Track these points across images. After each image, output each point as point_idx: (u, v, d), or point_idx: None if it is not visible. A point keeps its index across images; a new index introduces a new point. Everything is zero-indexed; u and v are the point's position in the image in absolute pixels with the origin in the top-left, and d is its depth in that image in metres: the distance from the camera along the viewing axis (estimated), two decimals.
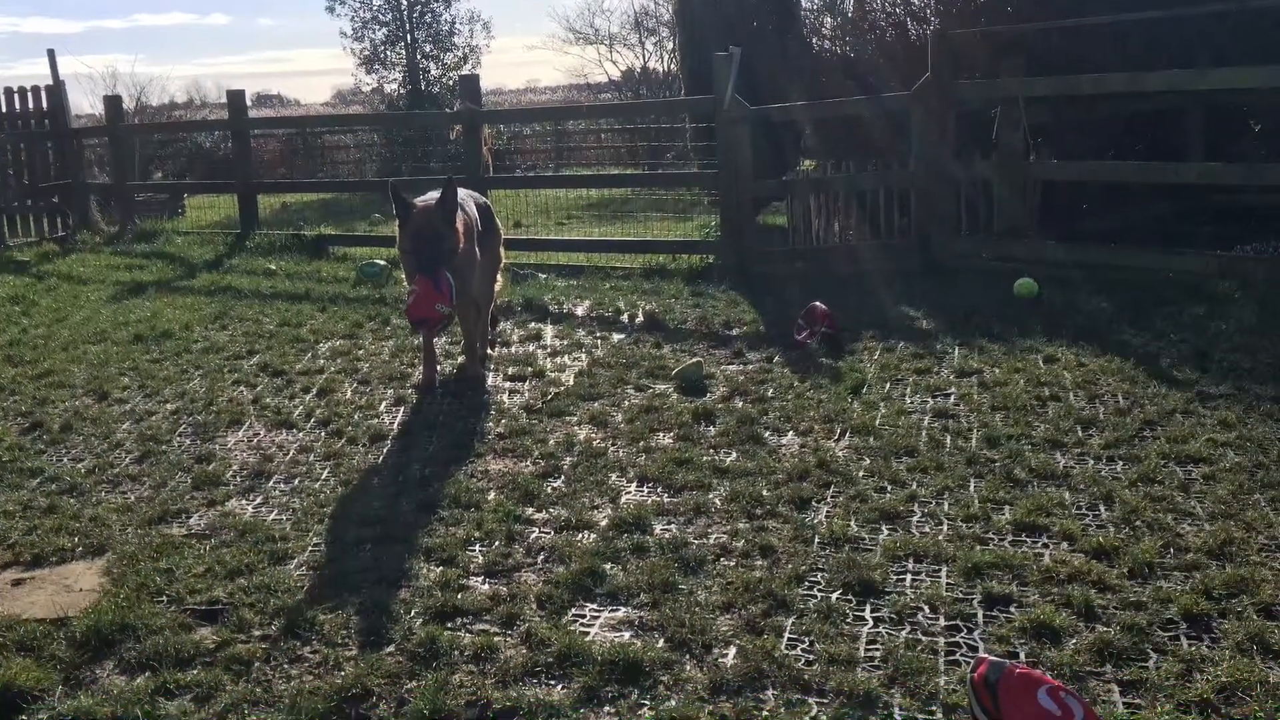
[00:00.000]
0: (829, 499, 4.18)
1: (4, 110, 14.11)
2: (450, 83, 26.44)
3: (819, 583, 3.52)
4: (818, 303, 6.55)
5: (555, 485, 4.46)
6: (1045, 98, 8.22)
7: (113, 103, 13.52)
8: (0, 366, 6.65)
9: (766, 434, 4.93)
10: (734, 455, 4.69)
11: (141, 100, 27.42)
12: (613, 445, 4.89)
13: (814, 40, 11.45)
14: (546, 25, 75.60)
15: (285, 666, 3.17)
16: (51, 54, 13.33)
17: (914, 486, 4.25)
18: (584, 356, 6.44)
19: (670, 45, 26.82)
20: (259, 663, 3.19)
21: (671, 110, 16.09)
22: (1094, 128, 8.75)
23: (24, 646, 3.31)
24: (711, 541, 3.85)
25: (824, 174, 9.68)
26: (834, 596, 3.43)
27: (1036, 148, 8.86)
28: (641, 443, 4.89)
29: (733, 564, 3.67)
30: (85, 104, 29.20)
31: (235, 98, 11.94)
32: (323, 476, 4.69)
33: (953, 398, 5.32)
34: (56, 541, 4.09)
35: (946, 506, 4.06)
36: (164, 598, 3.60)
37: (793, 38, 11.63)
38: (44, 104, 14.12)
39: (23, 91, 14.36)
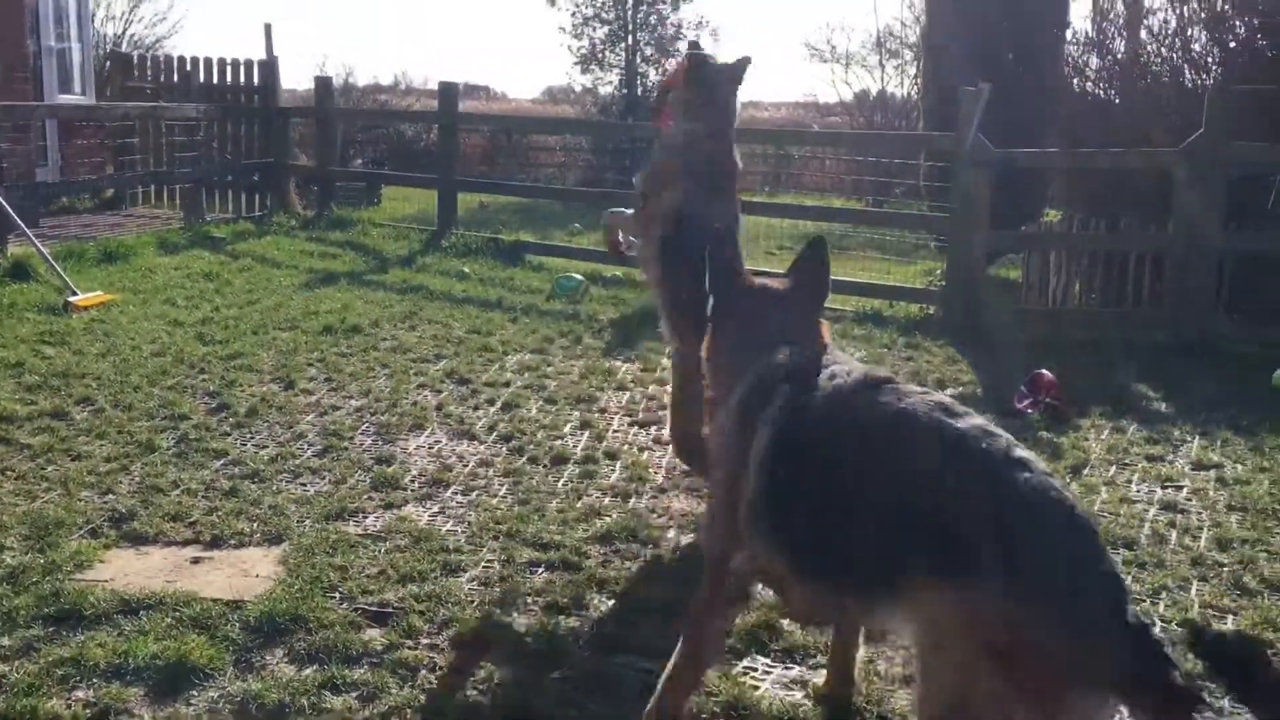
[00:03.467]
0: None
1: (215, 82, 15.50)
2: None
3: None
4: (1044, 370, 6.54)
5: None
6: None
7: (323, 84, 14.61)
8: (191, 343, 7.36)
9: None
10: None
11: (349, 81, 29.30)
12: None
13: (1075, 81, 11.32)
14: (779, 36, 76.11)
15: (450, 677, 3.49)
16: (268, 28, 14.52)
17: (1129, 581, 4.25)
18: None
19: (913, 70, 26.71)
20: (425, 670, 3.52)
21: (907, 146, 16.15)
22: None
23: (199, 624, 3.71)
24: None
25: (1069, 229, 9.56)
26: None
27: None
28: None
29: None
30: (291, 80, 31.37)
31: (447, 90, 12.70)
32: (500, 493, 5.05)
33: (1185, 491, 5.26)
34: (236, 525, 4.55)
35: (1163, 608, 4.07)
36: (336, 594, 3.99)
37: (1050, 76, 11.54)
38: (255, 79, 15.44)
39: (235, 64, 15.74)
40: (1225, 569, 4.39)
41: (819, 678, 3.50)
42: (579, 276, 9.99)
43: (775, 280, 3.30)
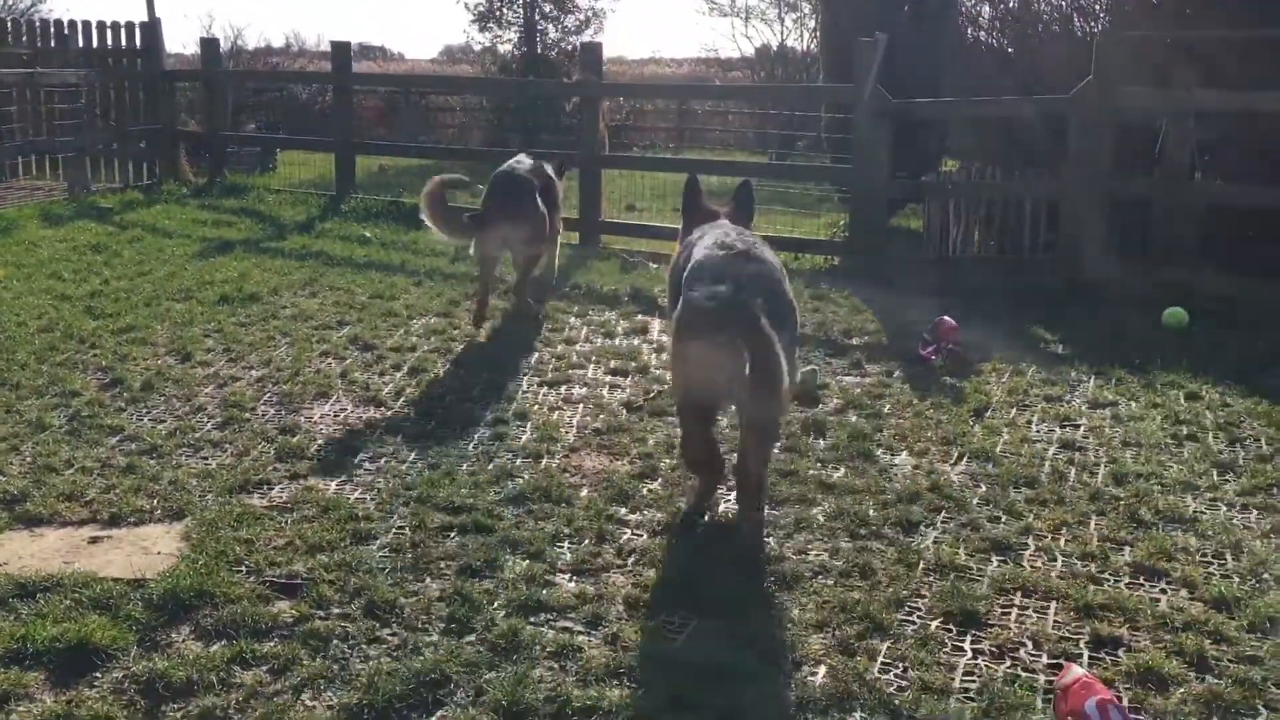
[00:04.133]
0: (939, 524, 4.34)
1: (95, 46, 14.92)
2: (569, 47, 26.82)
3: (919, 609, 3.70)
4: (946, 317, 6.67)
5: (652, 487, 4.69)
6: (1217, 114, 8.15)
7: (210, 45, 14.19)
8: (80, 318, 7.12)
9: (879, 452, 5.09)
10: (842, 471, 4.86)
11: (238, 44, 28.51)
12: None
13: (969, 31, 11.47)
14: None
15: (363, 646, 3.46)
16: None
17: (1030, 519, 4.40)
18: None
19: (812, 23, 26.83)
20: (337, 640, 3.48)
21: (808, 97, 16.23)
22: (1268, 151, 8.62)
23: (99, 605, 3.62)
24: (811, 558, 4.04)
25: (967, 178, 9.71)
26: (934, 624, 3.61)
27: (1204, 167, 8.77)
28: None
29: (831, 583, 3.86)
30: (176, 44, 30.38)
31: (340, 50, 12.39)
32: (410, 459, 4.99)
33: (1082, 429, 5.42)
34: (135, 502, 4.44)
35: (1063, 543, 4.22)
36: (243, 567, 3.92)
37: (946, 27, 11.67)
38: (137, 42, 14.89)
39: (115, 26, 15.14)
40: (1122, 503, 4.55)
41: (735, 626, 3.54)
42: None
43: (723, 205, 5.25)
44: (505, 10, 27.67)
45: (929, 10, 11.81)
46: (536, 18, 27.26)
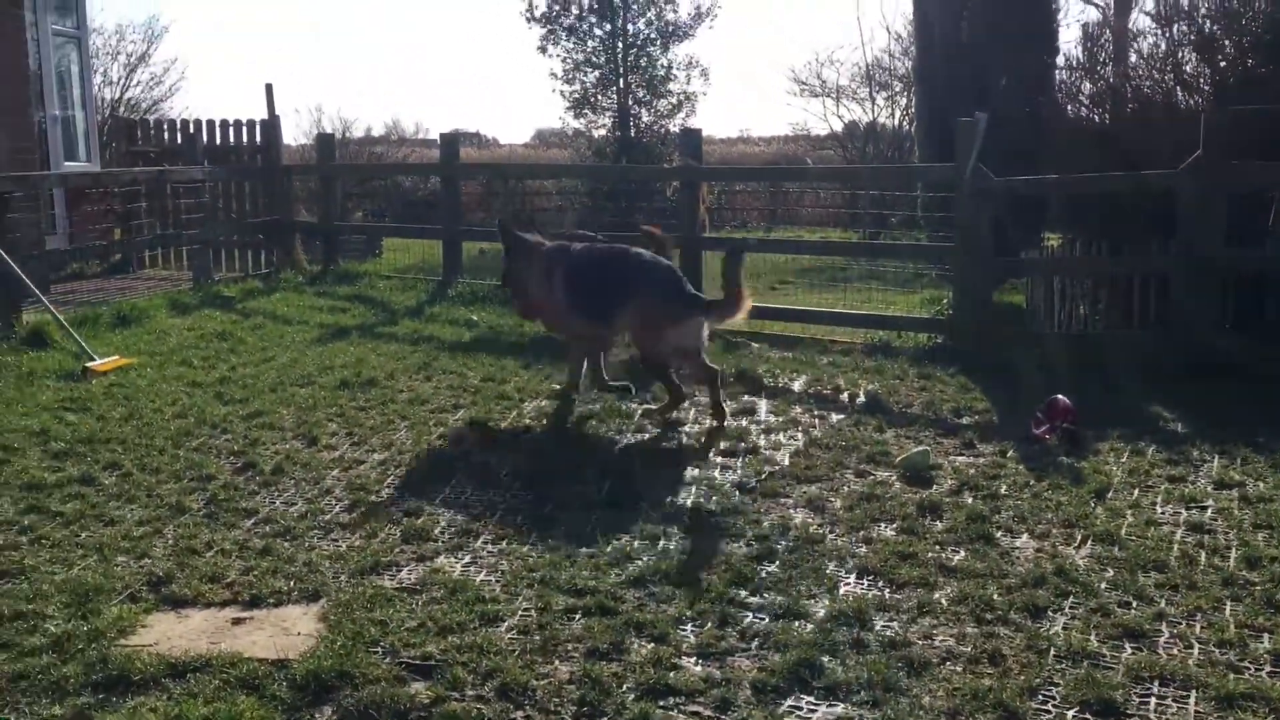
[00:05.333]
0: (1066, 609, 4.27)
1: (218, 143, 15.66)
2: (661, 130, 27.31)
3: (1053, 697, 3.64)
4: (1059, 396, 6.59)
5: (770, 569, 4.70)
6: None
7: (325, 141, 14.79)
8: (211, 403, 7.41)
9: (998, 534, 5.04)
10: (962, 554, 4.83)
11: (347, 135, 29.51)
12: (830, 532, 5.10)
13: (1068, 107, 11.45)
14: (766, 74, 76.84)
15: None
16: (269, 88, 14.69)
17: (1162, 604, 4.30)
18: (800, 435, 6.68)
19: (904, 100, 26.92)
20: None
21: (907, 176, 16.28)
22: None
23: (246, 685, 3.74)
24: (937, 643, 4.01)
25: (1071, 253, 9.63)
26: (1070, 714, 3.54)
27: None
28: (861, 532, 5.09)
29: (959, 669, 3.82)
30: (286, 136, 31.59)
31: (449, 141, 12.84)
32: (531, 540, 5.07)
33: (1209, 511, 5.30)
34: (273, 584, 4.58)
35: (1198, 629, 4.11)
36: (379, 648, 4.01)
37: (1044, 103, 11.67)
38: (257, 139, 15.59)
39: (238, 125, 15.92)
40: (1257, 588, 4.42)
41: (866, 713, 3.53)
42: None
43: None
44: (600, 96, 28.33)
45: (1023, 85, 11.85)
46: (630, 103, 27.83)
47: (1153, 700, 3.62)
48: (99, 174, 14.48)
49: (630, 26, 27.85)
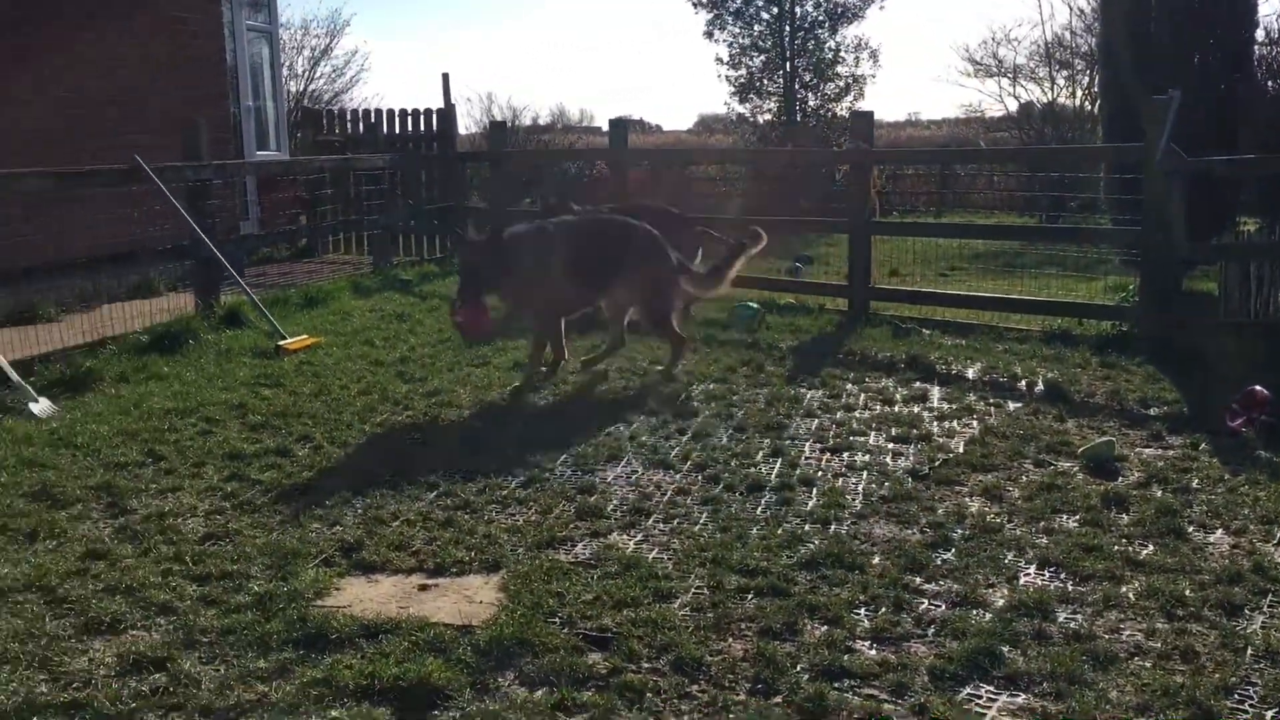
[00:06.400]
0: (1265, 609, 4.09)
1: (397, 131, 16.19)
2: (828, 114, 26.98)
3: (1250, 697, 3.49)
4: (1258, 386, 6.28)
5: (945, 557, 4.63)
6: None
7: (497, 128, 15.18)
8: (394, 381, 7.70)
9: (1190, 529, 4.85)
10: (1150, 548, 4.66)
11: (516, 124, 30.12)
12: (1009, 522, 5.00)
13: (1269, 84, 10.84)
14: (940, 55, 74.93)
15: (675, 701, 3.57)
16: (445, 78, 15.13)
17: None
18: (975, 423, 6.55)
19: (1085, 80, 25.86)
20: (650, 694, 3.61)
21: (1088, 158, 15.67)
22: None
23: (434, 647, 3.89)
24: (1124, 638, 3.89)
25: (1272, 236, 9.14)
26: (1269, 715, 3.39)
27: None
28: (1041, 523, 4.97)
29: (1149, 665, 3.70)
30: (459, 123, 32.39)
31: (618, 126, 12.95)
32: (701, 520, 5.12)
33: None
34: (455, 554, 4.74)
35: None
36: (556, 619, 4.12)
37: (1242, 78, 11.08)
38: (434, 127, 16.04)
39: (415, 114, 16.41)
40: None
41: (1049, 705, 3.46)
42: (755, 305, 10.05)
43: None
44: (766, 81, 28.13)
45: (1220, 61, 11.27)
46: (797, 87, 27.56)
47: None
48: (289, 162, 15.16)
49: (798, 9, 27.55)
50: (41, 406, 6.92)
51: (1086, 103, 25.53)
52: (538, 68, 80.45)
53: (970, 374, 7.81)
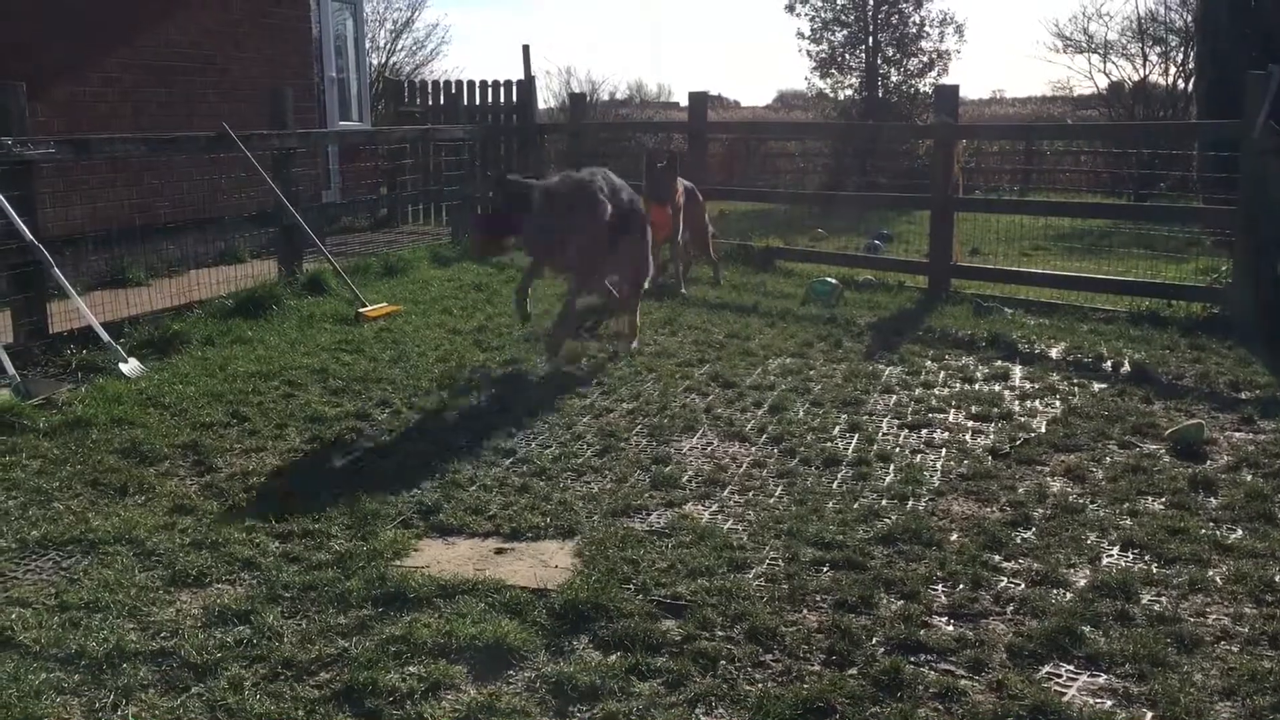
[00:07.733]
0: None
1: (478, 103, 16.27)
2: (910, 90, 26.56)
3: None
4: None
5: (1025, 535, 4.57)
6: None
7: (577, 101, 15.16)
8: (471, 349, 7.78)
9: None
10: (1239, 533, 4.56)
11: (594, 98, 30.15)
12: (1091, 503, 4.92)
13: None
14: (1027, 30, 73.33)
15: (749, 669, 3.58)
16: (526, 50, 15.18)
17: None
18: (1058, 403, 6.45)
19: (1179, 57, 25.17)
20: (724, 661, 3.62)
21: (1182, 136, 15.25)
22: None
23: (509, 609, 3.94)
24: (1210, 621, 3.82)
25: None
26: None
27: None
28: (1126, 504, 4.88)
29: (1236, 649, 3.63)
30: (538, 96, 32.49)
31: (697, 100, 12.91)
32: (776, 493, 5.12)
33: None
34: (531, 519, 4.79)
35: None
36: (631, 585, 4.14)
37: None
38: (514, 99, 16.10)
39: (495, 86, 16.47)
40: None
41: (1131, 686, 3.41)
42: (833, 280, 9.98)
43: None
44: (847, 55, 27.74)
45: None
46: (879, 62, 27.16)
47: None
48: (371, 132, 15.33)
49: None
50: (131, 367, 7.10)
51: (1180, 80, 24.85)
52: (619, 40, 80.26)
53: (1053, 354, 7.68)
